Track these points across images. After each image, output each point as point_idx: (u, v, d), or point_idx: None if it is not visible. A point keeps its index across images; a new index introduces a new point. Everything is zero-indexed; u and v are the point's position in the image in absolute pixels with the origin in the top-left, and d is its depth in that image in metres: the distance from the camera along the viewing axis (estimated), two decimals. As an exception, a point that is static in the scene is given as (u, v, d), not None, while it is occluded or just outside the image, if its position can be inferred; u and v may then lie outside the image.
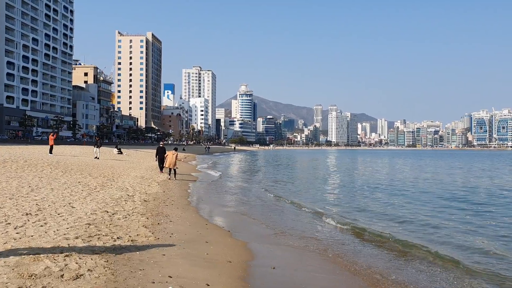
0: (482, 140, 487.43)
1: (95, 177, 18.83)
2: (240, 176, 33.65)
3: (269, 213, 13.98)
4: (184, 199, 15.40)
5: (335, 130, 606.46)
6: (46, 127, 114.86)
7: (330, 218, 12.72)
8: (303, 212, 14.39)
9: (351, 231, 11.14)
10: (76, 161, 28.51)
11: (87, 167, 23.89)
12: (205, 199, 17.04)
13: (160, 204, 13.01)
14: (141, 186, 17.29)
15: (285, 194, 19.77)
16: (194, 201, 15.62)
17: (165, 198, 14.71)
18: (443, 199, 19.38)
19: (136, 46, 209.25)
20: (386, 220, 13.09)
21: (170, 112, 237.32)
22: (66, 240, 7.02)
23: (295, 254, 8.60)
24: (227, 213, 13.67)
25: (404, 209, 15.82)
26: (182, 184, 21.16)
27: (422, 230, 11.54)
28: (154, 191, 16.22)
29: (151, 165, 33.48)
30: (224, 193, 19.77)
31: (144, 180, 20.21)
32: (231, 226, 10.99)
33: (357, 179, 32.58)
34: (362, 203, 17.28)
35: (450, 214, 14.75)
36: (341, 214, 13.92)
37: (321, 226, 11.93)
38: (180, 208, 12.90)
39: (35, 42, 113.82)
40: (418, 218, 13.58)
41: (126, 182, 18.18)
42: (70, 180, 16.45)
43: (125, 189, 15.60)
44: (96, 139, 38.20)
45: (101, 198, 12.62)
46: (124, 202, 12.36)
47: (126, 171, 24.62)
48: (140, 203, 12.58)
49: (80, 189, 14.12)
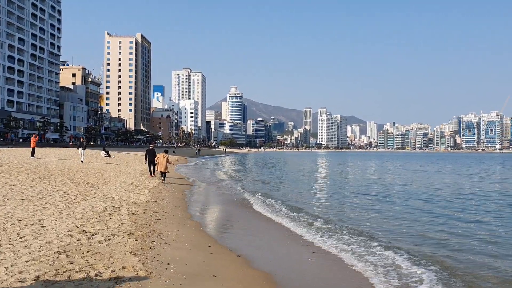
0: (470, 142, 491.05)
1: (77, 184, 16.70)
2: (241, 181, 31.52)
3: (292, 224, 11.98)
4: (179, 210, 13.38)
5: (325, 132, 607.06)
6: (32, 129, 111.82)
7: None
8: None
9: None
10: (59, 165, 26.33)
11: (70, 172, 21.75)
12: (204, 209, 15.02)
13: (151, 218, 10.97)
14: (129, 195, 15.22)
15: (301, 205, 17.73)
16: (192, 212, 13.59)
17: (157, 209, 12.67)
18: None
19: (125, 47, 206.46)
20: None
21: (160, 114, 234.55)
22: (20, 284, 4.99)
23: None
24: (235, 228, 11.66)
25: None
26: (175, 191, 19.10)
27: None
28: (144, 201, 14.18)
29: (140, 169, 31.40)
30: (227, 202, 17.63)
31: (133, 187, 18.11)
32: (243, 248, 8.98)
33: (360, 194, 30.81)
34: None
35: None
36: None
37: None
38: (176, 222, 10.87)
39: (21, 42, 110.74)
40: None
41: (112, 190, 16.06)
42: (48, 188, 14.32)
43: (111, 199, 13.51)
44: (81, 140, 35.71)
45: (80, 212, 10.52)
46: (109, 216, 10.29)
47: (113, 176, 22.50)
48: (128, 217, 10.52)
49: (57, 199, 12.01)
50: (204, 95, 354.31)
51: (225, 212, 14.83)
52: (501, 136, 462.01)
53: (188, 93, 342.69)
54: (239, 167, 58.05)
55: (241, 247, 9.07)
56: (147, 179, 22.96)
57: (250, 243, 9.75)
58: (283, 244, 9.67)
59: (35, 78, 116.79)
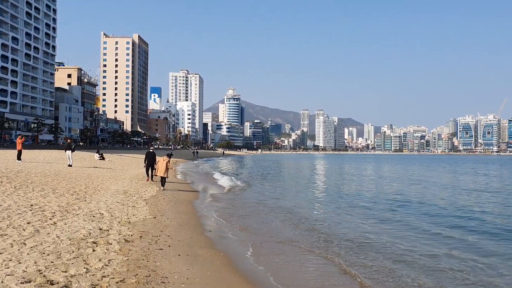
0: (468, 145, 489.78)
1: (59, 194, 13.84)
2: (252, 186, 28.67)
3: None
4: (185, 232, 10.51)
5: (323, 134, 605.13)
6: (26, 130, 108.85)
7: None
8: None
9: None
10: (45, 170, 23.52)
11: (56, 179, 18.95)
12: (218, 228, 12.04)
13: (150, 247, 8.18)
14: (122, 209, 12.43)
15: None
16: (203, 234, 10.67)
17: (157, 231, 9.88)
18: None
19: (122, 48, 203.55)
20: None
21: (157, 116, 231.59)
22: None
23: None
24: (283, 261, 8.80)
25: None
26: (178, 202, 16.25)
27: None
28: (141, 217, 11.40)
29: (136, 174, 28.62)
30: (249, 216, 14.76)
31: (128, 198, 15.29)
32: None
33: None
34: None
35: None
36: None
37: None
38: (184, 254, 8.04)
39: (15, 41, 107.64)
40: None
41: (102, 203, 13.23)
42: (20, 202, 11.48)
43: (98, 217, 10.72)
44: (68, 142, 32.38)
45: (52, 241, 7.66)
46: (92, 247, 7.50)
47: (105, 183, 19.69)
48: (119, 247, 7.73)
49: (25, 220, 9.16)
50: (201, 96, 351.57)
51: (249, 231, 12.05)
52: (498, 138, 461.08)
53: (185, 95, 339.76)
54: (241, 170, 55.29)
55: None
56: (144, 186, 20.21)
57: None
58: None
59: (29, 79, 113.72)
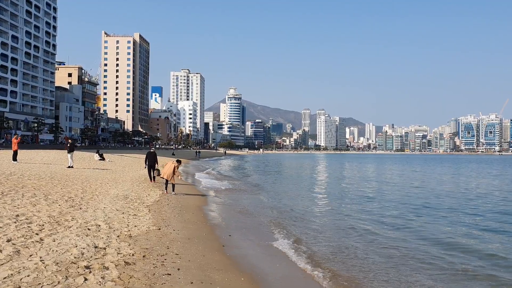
0: (469, 144, 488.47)
1: (52, 201, 12.32)
2: (264, 188, 27.20)
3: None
4: (196, 248, 8.91)
5: (324, 134, 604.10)
6: (26, 130, 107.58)
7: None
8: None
9: None
10: (41, 172, 22.07)
11: (51, 182, 17.51)
12: (239, 243, 10.21)
13: (156, 270, 6.65)
14: (122, 219, 10.93)
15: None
16: (223, 251, 9.09)
17: (163, 247, 8.33)
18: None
19: (123, 47, 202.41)
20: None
21: (158, 115, 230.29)
22: None
23: None
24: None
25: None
26: (184, 208, 14.70)
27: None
28: (144, 229, 9.90)
29: (138, 175, 27.16)
30: (265, 224, 13.36)
31: (129, 204, 13.79)
32: None
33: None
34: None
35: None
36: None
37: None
38: (197, 281, 6.50)
39: (14, 39, 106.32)
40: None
41: (100, 211, 11.71)
42: (5, 211, 9.95)
43: (94, 229, 9.22)
44: (68, 142, 30.92)
45: (34, 267, 6.05)
46: (84, 275, 5.93)
47: (104, 187, 18.21)
48: (117, 273, 6.18)
49: (6, 237, 7.61)
50: (202, 96, 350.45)
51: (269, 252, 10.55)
52: (500, 138, 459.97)
53: (187, 94, 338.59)
54: (247, 170, 53.79)
55: None
56: (146, 190, 18.74)
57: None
58: None
59: (29, 77, 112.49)
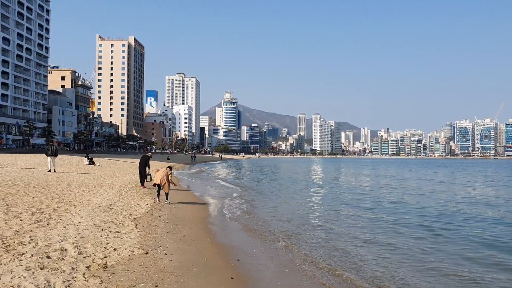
0: (465, 149, 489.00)
1: (14, 215, 10.59)
2: (267, 196, 25.76)
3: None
4: (197, 281, 6.94)
5: (320, 138, 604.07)
6: (18, 134, 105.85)
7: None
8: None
9: None
10: (16, 178, 20.63)
11: (24, 189, 16.04)
12: (254, 275, 7.99)
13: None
14: (100, 238, 9.03)
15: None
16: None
17: (149, 285, 6.35)
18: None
19: (117, 51, 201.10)
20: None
21: (153, 120, 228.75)
22: None
23: None
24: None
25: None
26: (178, 220, 13.15)
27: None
28: (126, 253, 7.99)
29: (128, 181, 25.75)
30: (275, 239, 12.00)
31: (112, 216, 12.15)
32: None
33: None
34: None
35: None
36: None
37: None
38: None
39: (6, 42, 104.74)
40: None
41: (73, 227, 9.90)
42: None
43: (56, 258, 7.10)
44: (49, 144, 29.32)
45: None
46: None
47: (87, 195, 16.71)
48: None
49: None
50: (198, 100, 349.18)
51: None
52: (495, 142, 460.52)
53: (182, 99, 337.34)
54: (245, 176, 52.40)
55: None
56: (136, 198, 17.28)
57: None
58: None
59: (21, 81, 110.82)
